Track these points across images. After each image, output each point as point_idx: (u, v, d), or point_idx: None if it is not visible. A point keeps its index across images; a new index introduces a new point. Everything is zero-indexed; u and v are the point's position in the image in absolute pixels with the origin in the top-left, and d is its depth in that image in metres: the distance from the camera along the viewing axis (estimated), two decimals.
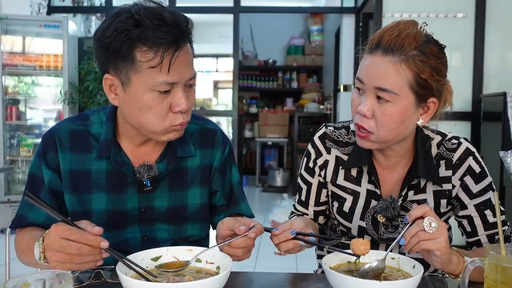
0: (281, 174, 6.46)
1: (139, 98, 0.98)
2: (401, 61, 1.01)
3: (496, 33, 3.75)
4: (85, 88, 4.26)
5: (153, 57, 0.93)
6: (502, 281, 0.81)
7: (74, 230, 0.86)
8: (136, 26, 0.93)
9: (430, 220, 0.92)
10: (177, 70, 0.96)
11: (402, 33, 1.02)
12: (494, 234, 1.13)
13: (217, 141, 1.21)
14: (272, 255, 1.08)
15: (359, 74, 1.07)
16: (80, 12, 5.27)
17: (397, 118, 1.04)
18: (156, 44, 0.93)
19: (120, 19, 0.95)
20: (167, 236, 1.16)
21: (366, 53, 1.08)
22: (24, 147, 4.35)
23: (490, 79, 3.78)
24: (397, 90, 1.02)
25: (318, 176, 1.26)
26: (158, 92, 0.97)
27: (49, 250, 0.87)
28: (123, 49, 0.94)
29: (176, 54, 0.95)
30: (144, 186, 1.10)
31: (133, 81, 0.97)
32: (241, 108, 7.28)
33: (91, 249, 0.86)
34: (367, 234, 1.22)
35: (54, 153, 1.10)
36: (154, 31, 0.93)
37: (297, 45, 7.53)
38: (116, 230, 1.12)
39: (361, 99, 1.07)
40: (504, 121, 3.19)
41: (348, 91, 5.02)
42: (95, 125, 1.12)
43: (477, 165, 1.15)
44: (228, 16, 5.15)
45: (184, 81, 0.99)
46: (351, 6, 5.08)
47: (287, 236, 1.02)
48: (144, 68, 0.95)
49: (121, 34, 0.93)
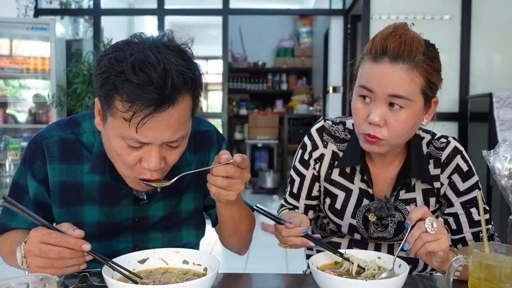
0: (271, 175, 6.47)
1: (110, 140, 0.92)
2: (412, 67, 1.01)
3: (482, 35, 3.80)
4: (73, 90, 4.22)
5: (126, 110, 0.85)
6: (486, 278, 0.82)
7: (54, 234, 0.84)
8: (120, 73, 0.85)
9: (431, 220, 0.92)
10: (151, 131, 0.87)
11: (405, 38, 1.02)
12: (479, 232, 1.15)
13: (213, 142, 1.18)
14: (263, 257, 1.08)
15: (366, 83, 1.05)
16: (67, 15, 5.22)
17: (410, 122, 1.04)
18: (131, 100, 0.84)
19: (113, 56, 0.87)
20: (161, 245, 1.12)
21: (369, 61, 1.05)
22: (12, 150, 4.30)
23: (476, 80, 3.83)
24: (412, 96, 1.02)
25: (313, 169, 1.25)
26: (127, 144, 0.90)
27: (29, 255, 0.85)
28: (105, 89, 0.88)
29: (151, 116, 0.85)
30: (140, 200, 1.08)
31: (108, 122, 0.91)
32: (231, 110, 7.27)
33: (73, 253, 0.84)
34: (357, 232, 1.23)
35: (41, 163, 1.05)
36: (133, 85, 0.83)
37: (287, 47, 7.54)
38: (108, 240, 1.09)
39: (369, 108, 1.05)
40: (491, 122, 3.23)
41: (337, 92, 5.05)
42: (86, 133, 1.07)
43: (465, 164, 1.16)
44: (217, 18, 5.14)
45: (161, 142, 0.90)
46: (340, 8, 5.10)
47: (298, 232, 1.01)
48: (118, 116, 0.87)
49: (104, 74, 0.87)
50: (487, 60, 3.84)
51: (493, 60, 3.85)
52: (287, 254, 3.58)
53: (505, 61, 3.82)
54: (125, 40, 0.91)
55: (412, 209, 0.95)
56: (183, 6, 5.34)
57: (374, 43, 1.05)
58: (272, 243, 3.90)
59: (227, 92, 5.15)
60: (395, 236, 1.21)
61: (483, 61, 3.83)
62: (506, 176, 0.97)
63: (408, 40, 1.02)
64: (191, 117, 0.96)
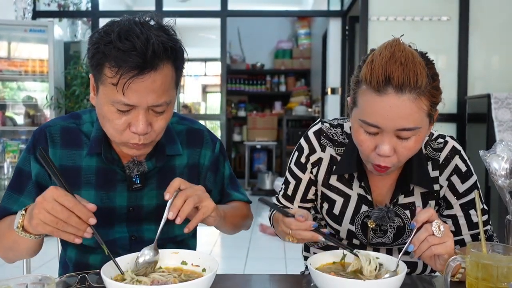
0: (270, 177, 6.46)
1: (101, 108, 1.01)
2: (418, 95, 0.95)
3: (480, 36, 3.81)
4: (72, 93, 4.23)
5: (114, 75, 0.95)
6: (483, 278, 0.82)
7: (70, 198, 0.88)
8: (108, 42, 0.95)
9: (438, 223, 0.91)
10: (136, 94, 0.96)
11: (407, 63, 0.95)
12: (478, 234, 1.14)
13: (205, 141, 1.23)
14: (261, 258, 1.09)
15: (371, 120, 0.98)
16: (65, 17, 5.23)
17: (419, 145, 1.02)
18: (118, 65, 0.94)
19: (103, 30, 0.98)
20: (155, 236, 1.14)
21: (370, 93, 0.97)
22: (10, 153, 4.29)
23: (474, 81, 3.84)
24: (419, 123, 0.98)
25: (310, 173, 1.23)
26: (116, 109, 0.99)
27: (39, 208, 0.87)
28: (95, 58, 0.98)
29: (134, 79, 0.94)
30: (133, 183, 1.12)
31: (100, 90, 1.00)
32: (230, 112, 7.28)
33: (79, 222, 0.88)
34: (355, 238, 1.21)
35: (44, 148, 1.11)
36: (119, 52, 0.94)
37: (285, 48, 7.55)
38: (104, 228, 1.12)
39: (375, 139, 1.01)
40: (489, 122, 3.24)
41: (336, 94, 5.06)
42: (86, 123, 1.15)
43: (463, 164, 1.15)
44: (215, 20, 5.15)
45: (146, 106, 0.99)
46: (338, 10, 5.12)
47: (308, 226, 0.99)
48: (107, 83, 0.97)
49: (95, 45, 0.97)
50: (485, 61, 3.85)
51: (491, 61, 3.86)
52: (286, 255, 3.57)
53: (503, 62, 3.83)
54: (110, 21, 1.01)
55: (419, 211, 0.94)
56: (182, 8, 5.34)
57: (374, 72, 0.96)
58: (270, 245, 3.91)
59: (225, 93, 5.16)
60: (395, 242, 1.19)
61: (481, 62, 3.84)
62: (503, 176, 0.97)
63: (410, 65, 0.94)
64: (174, 86, 1.04)
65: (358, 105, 1.02)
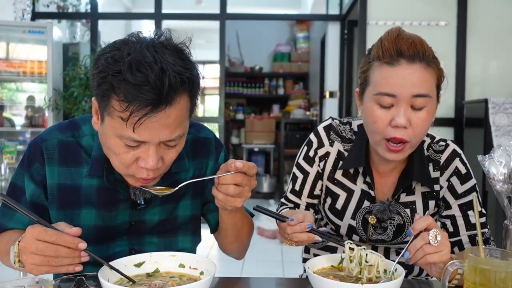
0: (267, 180, 6.47)
1: (107, 139, 0.92)
2: (427, 64, 1.04)
3: (478, 41, 3.82)
4: (70, 94, 4.22)
5: (124, 110, 0.85)
6: (481, 283, 0.82)
7: (51, 231, 0.84)
8: (117, 72, 0.84)
9: (435, 233, 0.91)
10: (148, 130, 0.86)
11: (413, 39, 1.05)
12: (475, 235, 1.15)
13: (211, 150, 1.17)
14: (259, 261, 1.08)
15: (387, 89, 1.04)
16: (64, 18, 5.22)
17: (431, 119, 1.07)
18: (128, 100, 0.84)
19: (110, 56, 0.86)
20: (156, 249, 1.11)
21: (384, 66, 1.05)
22: (7, 154, 4.28)
23: (472, 86, 3.85)
24: (431, 92, 1.05)
25: (317, 166, 1.25)
26: (124, 143, 0.90)
27: (25, 252, 0.84)
28: (101, 88, 0.88)
29: (148, 116, 0.84)
30: (137, 204, 1.07)
31: (106, 121, 0.91)
32: (228, 114, 7.27)
33: (69, 251, 0.84)
34: (355, 234, 1.23)
35: (40, 165, 1.05)
36: (130, 85, 0.83)
37: (284, 52, 7.56)
38: (104, 243, 1.09)
39: (391, 112, 1.05)
40: (486, 127, 3.25)
41: (334, 97, 5.06)
42: (86, 136, 1.06)
43: (463, 167, 1.18)
44: (214, 23, 5.15)
45: (158, 142, 0.89)
46: (336, 14, 5.13)
47: (303, 228, 1.00)
48: (115, 115, 0.87)
49: (101, 74, 0.87)
50: (482, 66, 3.86)
51: (488, 66, 3.88)
52: (283, 258, 3.57)
53: (501, 67, 3.84)
54: (123, 39, 0.90)
55: (417, 218, 0.94)
56: (181, 11, 5.35)
57: (384, 47, 1.05)
58: (268, 248, 3.91)
59: (224, 96, 5.15)
60: (394, 239, 1.21)
61: (478, 67, 3.85)
62: (501, 180, 0.97)
63: (417, 40, 1.05)
64: (188, 116, 0.95)
65: (371, 82, 1.08)
